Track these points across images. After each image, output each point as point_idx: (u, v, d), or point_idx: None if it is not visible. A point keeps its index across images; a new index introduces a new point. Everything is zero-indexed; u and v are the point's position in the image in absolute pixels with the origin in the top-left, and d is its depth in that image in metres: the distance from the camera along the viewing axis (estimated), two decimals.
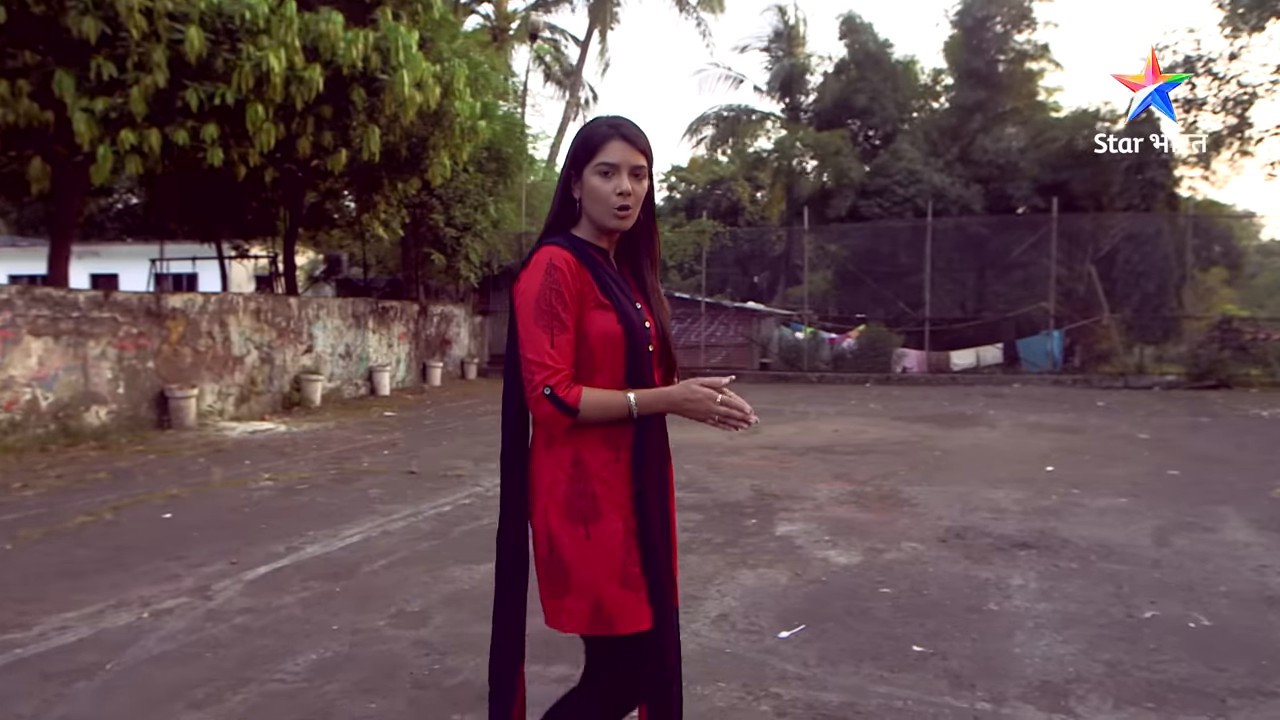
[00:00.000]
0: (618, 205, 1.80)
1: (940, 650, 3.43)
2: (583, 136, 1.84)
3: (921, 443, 8.88)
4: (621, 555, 1.76)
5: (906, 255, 19.34)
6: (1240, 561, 4.62)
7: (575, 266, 1.78)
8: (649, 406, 1.79)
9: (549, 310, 1.74)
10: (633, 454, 1.81)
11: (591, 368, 1.80)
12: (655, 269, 1.99)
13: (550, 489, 1.80)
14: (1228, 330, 17.03)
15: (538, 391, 1.73)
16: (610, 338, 1.80)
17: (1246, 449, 8.55)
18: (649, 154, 1.85)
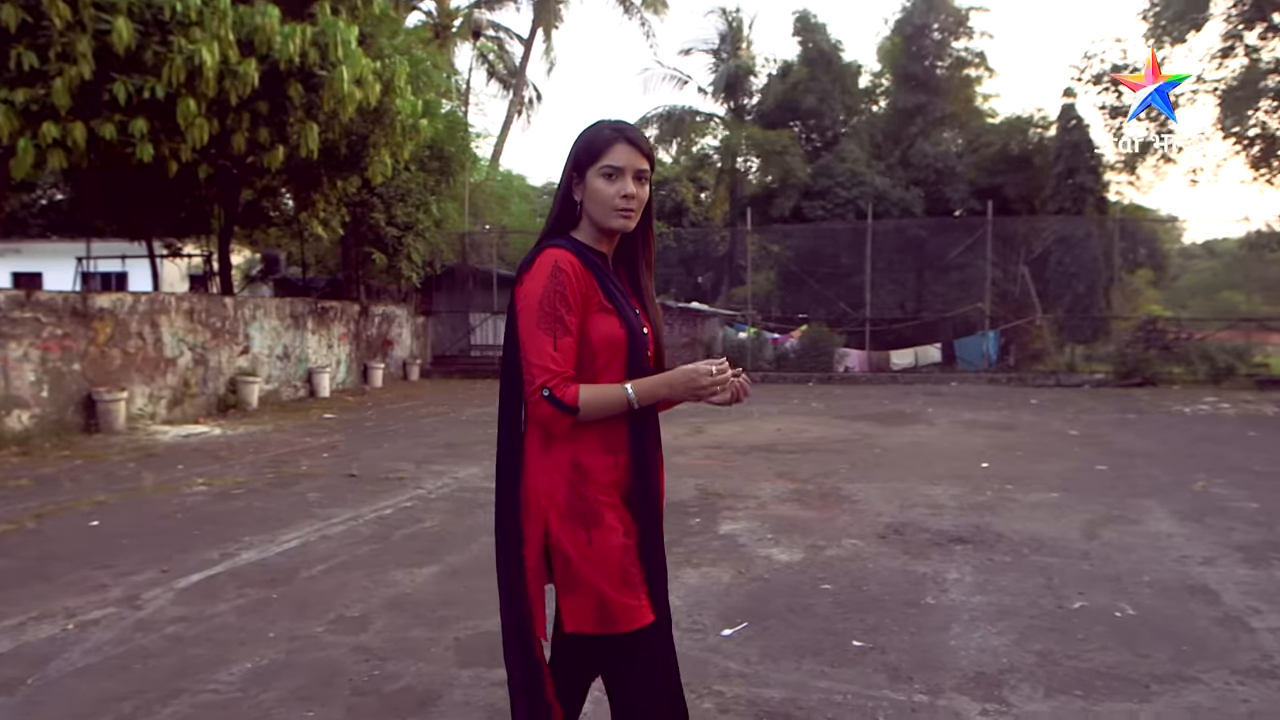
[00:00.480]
0: (621, 208, 1.80)
1: (879, 645, 3.50)
2: (586, 139, 1.84)
3: (862, 441, 9.03)
4: (620, 558, 1.77)
5: (848, 256, 19.64)
6: (1163, 552, 4.80)
7: (580, 269, 1.78)
8: (649, 394, 1.80)
9: (552, 313, 1.74)
10: (630, 458, 1.83)
11: (594, 372, 1.80)
12: (651, 274, 1.99)
13: (549, 493, 1.79)
14: (1152, 330, 17.69)
15: (537, 394, 1.73)
16: (613, 342, 1.81)
17: (1170, 444, 8.88)
18: (652, 158, 1.87)
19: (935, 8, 22.94)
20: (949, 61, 23.75)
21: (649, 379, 1.82)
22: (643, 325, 1.89)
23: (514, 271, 8.05)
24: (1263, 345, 20.44)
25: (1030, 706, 2.96)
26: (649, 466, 1.85)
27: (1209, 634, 3.61)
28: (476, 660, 3.33)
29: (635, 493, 1.83)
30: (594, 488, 1.78)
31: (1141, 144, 22.37)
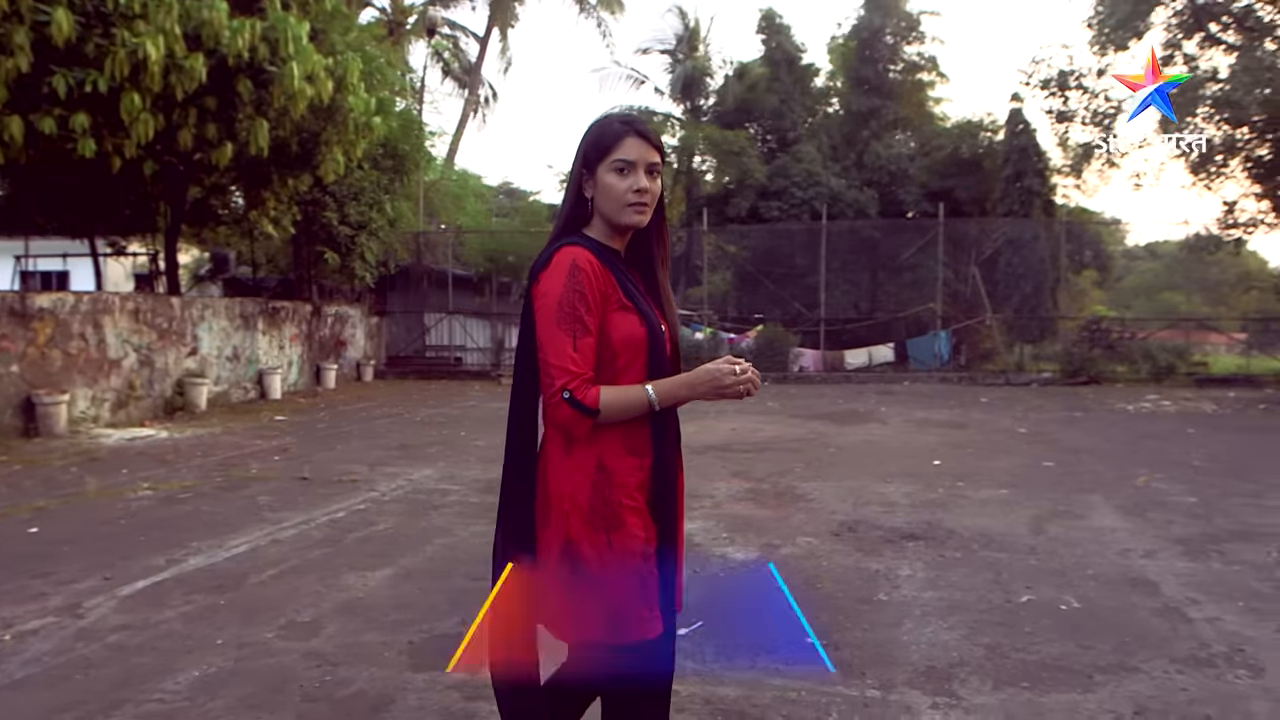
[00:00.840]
0: (634, 202, 1.77)
1: (833, 641, 3.53)
2: (595, 134, 1.80)
3: (817, 440, 9.13)
4: (639, 565, 1.73)
5: (803, 256, 19.85)
6: (1106, 546, 4.93)
7: (598, 268, 1.74)
8: (669, 396, 1.76)
9: (572, 313, 1.69)
10: (654, 459, 1.78)
11: (615, 371, 1.76)
12: (666, 271, 1.95)
13: (572, 496, 1.74)
14: (1097, 330, 18.16)
15: (557, 396, 1.68)
16: (634, 341, 1.77)
17: (1113, 441, 9.12)
18: (663, 150, 1.83)
19: (888, 12, 23.28)
20: (901, 66, 24.11)
21: (669, 380, 1.78)
22: (660, 323, 1.85)
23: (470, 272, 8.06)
24: (1201, 344, 21.10)
25: (979, 699, 3.02)
26: (670, 468, 1.82)
27: (1149, 625, 3.71)
28: (430, 664, 3.29)
29: (657, 495, 1.78)
30: (619, 490, 1.73)
31: (1086, 148, 22.95)
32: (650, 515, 1.77)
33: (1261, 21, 20.57)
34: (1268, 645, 3.47)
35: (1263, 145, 20.92)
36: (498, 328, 19.43)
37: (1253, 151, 21.30)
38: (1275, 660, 3.32)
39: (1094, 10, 21.45)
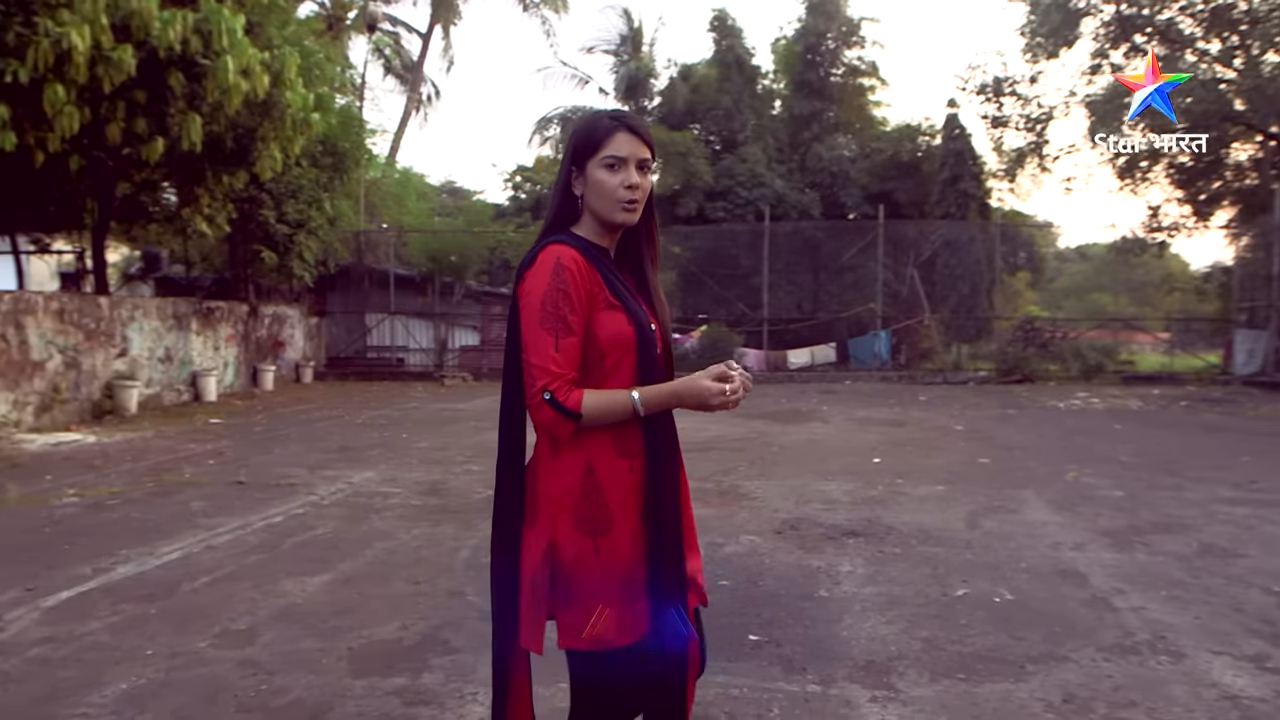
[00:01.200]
0: (626, 199, 1.74)
1: (775, 638, 3.58)
2: (585, 130, 1.77)
3: (760, 439, 9.22)
4: (627, 567, 1.69)
5: (748, 257, 20.06)
6: (1038, 539, 5.08)
7: (584, 266, 1.70)
8: (656, 404, 1.71)
9: (555, 313, 1.66)
10: (646, 461, 1.74)
11: (603, 371, 1.73)
12: (656, 269, 1.92)
13: (560, 499, 1.70)
14: (1031, 330, 18.70)
15: (538, 397, 1.65)
16: (622, 340, 1.73)
17: (1045, 437, 9.40)
18: (653, 146, 1.80)
19: (830, 18, 23.63)
20: (843, 70, 24.50)
21: (657, 388, 1.72)
22: (651, 322, 1.81)
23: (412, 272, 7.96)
24: (1128, 343, 21.87)
25: (916, 691, 3.08)
26: (664, 471, 1.76)
27: (1078, 615, 3.83)
28: (370, 669, 3.24)
29: (650, 499, 1.73)
30: (607, 494, 1.70)
31: (1020, 153, 23.60)
32: (644, 518, 1.73)
33: (1182, 34, 21.39)
34: (1187, 632, 3.61)
35: (1184, 152, 21.76)
36: (441, 328, 19.21)
37: (1175, 158, 22.15)
38: (1194, 646, 3.46)
39: (1027, 19, 22.08)
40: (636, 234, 1.86)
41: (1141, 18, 21.06)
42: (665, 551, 1.73)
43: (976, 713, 2.92)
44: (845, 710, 2.94)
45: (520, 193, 28.43)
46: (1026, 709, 2.95)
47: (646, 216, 1.84)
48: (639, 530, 1.72)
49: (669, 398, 1.72)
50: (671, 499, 1.76)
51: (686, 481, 1.87)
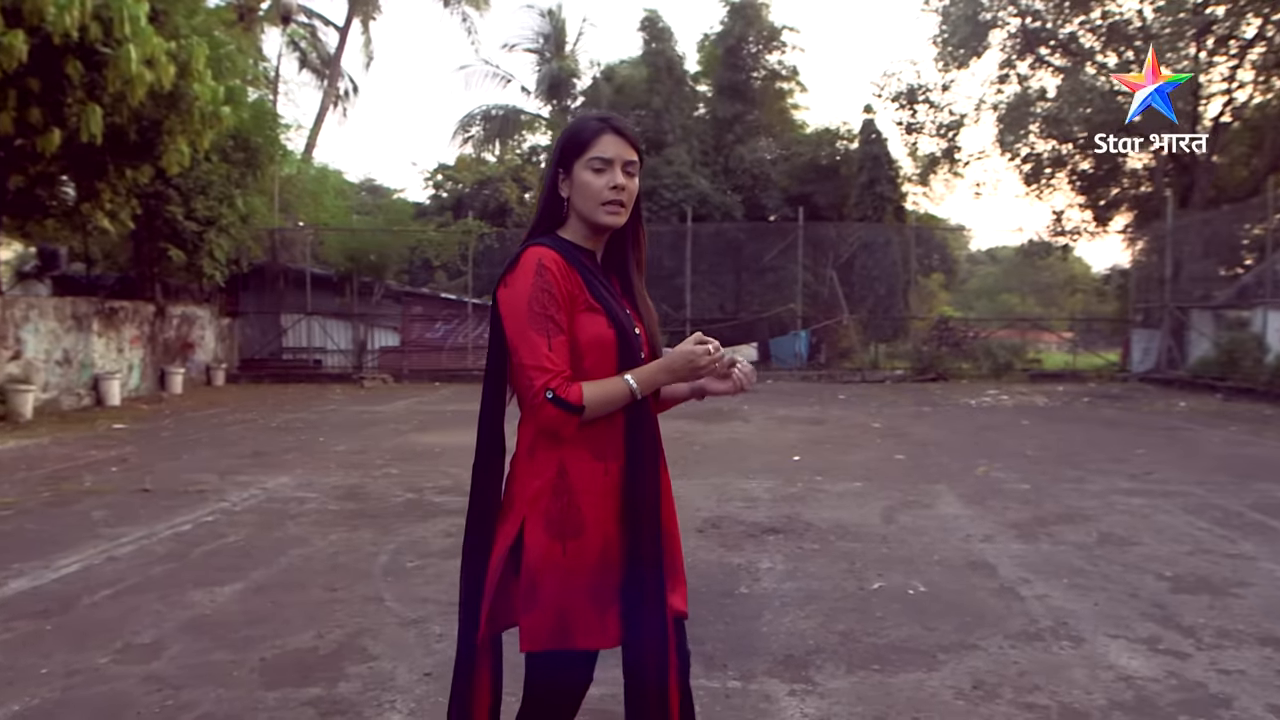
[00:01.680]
0: (611, 200, 1.73)
1: (697, 636, 3.59)
2: (571, 132, 1.77)
3: (682, 438, 9.28)
4: (596, 573, 1.66)
5: (671, 258, 20.17)
6: (950, 533, 5.25)
7: (564, 267, 1.70)
8: (650, 382, 1.72)
9: (543, 313, 1.65)
10: (625, 465, 1.71)
11: (582, 373, 1.69)
12: (642, 274, 1.92)
13: (533, 500, 1.68)
14: (945, 329, 19.33)
15: (540, 397, 1.62)
16: (602, 342, 1.71)
17: (958, 433, 9.72)
18: (640, 150, 1.80)
19: (750, 22, 23.97)
20: (764, 74, 24.89)
21: (647, 367, 1.73)
22: (635, 326, 1.80)
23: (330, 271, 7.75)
24: (1035, 342, 22.81)
25: (834, 683, 3.15)
26: (644, 474, 1.72)
27: (987, 604, 3.98)
28: (284, 680, 3.15)
29: (628, 502, 1.69)
30: (580, 496, 1.67)
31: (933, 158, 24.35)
32: (621, 522, 1.69)
33: (1083, 48, 22.38)
34: (1087, 618, 3.78)
35: (1086, 159, 22.78)
36: (360, 329, 18.79)
37: (1077, 165, 23.18)
38: (1093, 631, 3.63)
39: (939, 30, 22.80)
40: (623, 238, 1.86)
41: (1045, 31, 21.98)
42: (644, 555, 1.69)
43: (890, 703, 3.00)
44: (764, 704, 2.98)
45: (441, 191, 28.08)
46: (938, 697, 3.04)
47: (633, 220, 1.84)
48: (614, 535, 1.69)
49: (660, 372, 1.73)
50: (651, 502, 1.73)
51: (670, 487, 1.84)
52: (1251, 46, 20.38)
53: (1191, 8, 19.84)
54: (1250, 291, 16.92)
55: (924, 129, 24.13)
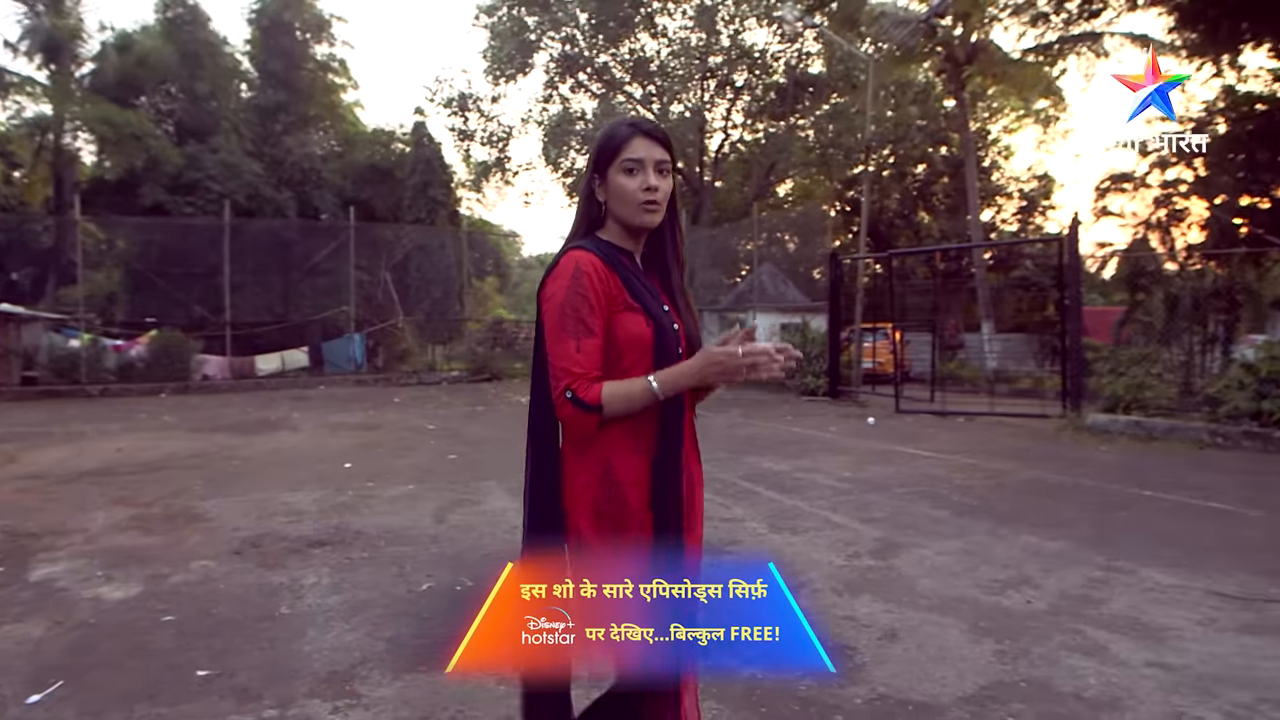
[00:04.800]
0: (645, 200, 1.79)
1: (228, 668, 3.30)
2: (602, 139, 1.83)
3: (220, 453, 8.45)
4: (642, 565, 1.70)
5: (213, 255, 18.21)
6: (497, 526, 5.49)
7: (603, 270, 1.76)
8: (673, 384, 1.75)
9: (575, 316, 1.72)
10: (658, 456, 1.77)
11: (621, 371, 1.77)
12: (681, 271, 1.96)
13: (583, 497, 1.77)
14: (499, 331, 20.17)
15: (561, 396, 1.71)
16: (639, 340, 1.78)
17: (508, 430, 10.20)
18: (671, 149, 1.84)
19: (293, 7, 22.58)
20: (312, 64, 23.63)
21: (673, 369, 1.76)
22: (673, 322, 1.85)
23: None
24: None
25: (379, 692, 3.09)
26: (673, 465, 1.78)
27: None
28: None
29: (658, 492, 1.76)
30: (627, 489, 1.75)
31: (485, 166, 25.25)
32: (652, 512, 1.76)
33: (615, 77, 24.93)
34: None
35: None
36: None
37: None
38: None
39: (489, 44, 23.72)
40: (661, 236, 1.91)
41: (583, 58, 24.07)
42: (672, 548, 1.76)
43: (438, 700, 3.03)
44: None
45: None
46: (483, 685, 3.14)
47: (670, 218, 1.89)
48: (649, 526, 1.76)
49: (685, 376, 1.76)
50: (678, 494, 1.79)
51: (700, 472, 1.92)
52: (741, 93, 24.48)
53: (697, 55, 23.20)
54: (744, 296, 20.36)
55: (476, 137, 24.91)
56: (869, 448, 9.09)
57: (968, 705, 2.98)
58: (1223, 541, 5.15)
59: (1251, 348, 10.54)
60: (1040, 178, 29.33)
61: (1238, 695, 3.04)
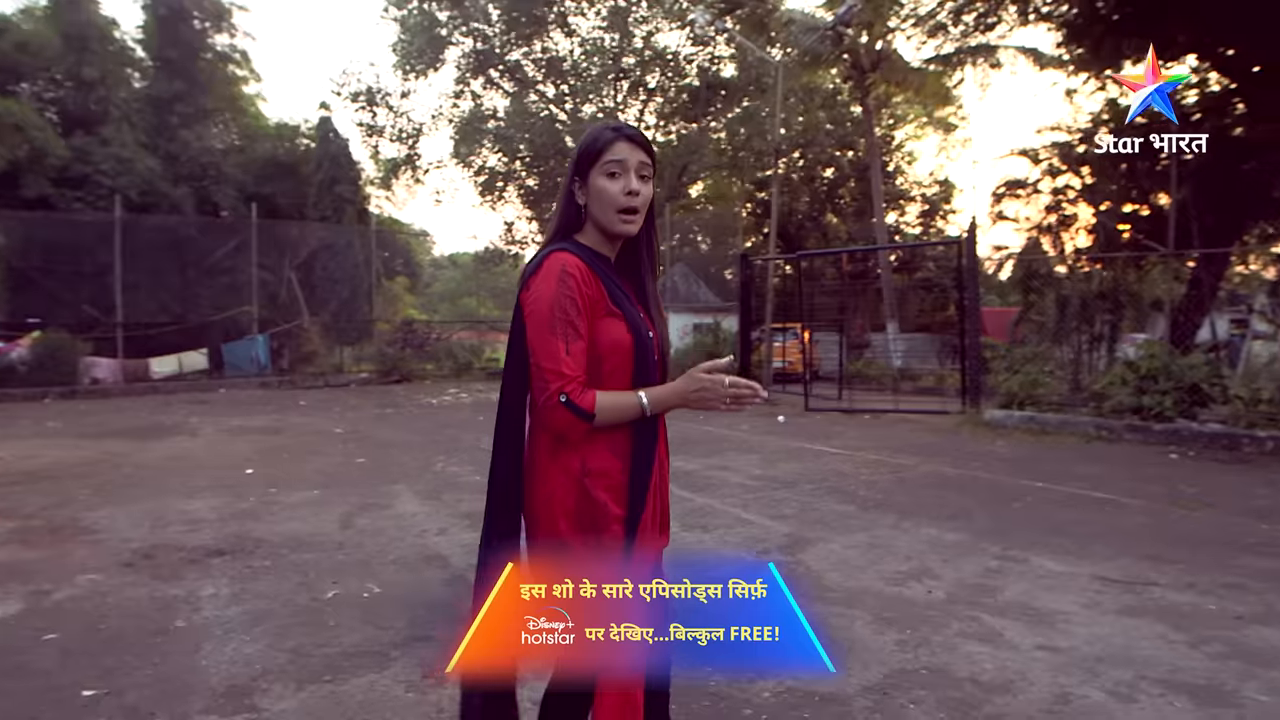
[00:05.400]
0: (626, 205, 1.79)
1: (117, 687, 3.14)
2: (585, 142, 1.83)
3: (110, 460, 8.03)
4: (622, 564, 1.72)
5: (102, 253, 17.29)
6: (407, 530, 5.38)
7: (587, 273, 1.76)
8: (660, 403, 1.79)
9: (564, 318, 1.71)
10: (632, 461, 1.79)
11: (600, 376, 1.78)
12: (655, 278, 1.96)
13: (562, 499, 1.76)
14: (409, 332, 19.77)
15: (553, 400, 1.69)
16: (620, 347, 1.78)
17: (418, 432, 10.02)
18: (653, 155, 1.85)
19: None
20: (211, 55, 22.68)
21: (662, 388, 1.80)
22: (649, 329, 1.86)
23: None
24: (494, 342, 24.58)
25: (281, 705, 3.00)
26: (647, 468, 1.81)
27: (439, 595, 4.16)
28: None
29: (633, 495, 1.79)
30: (604, 493, 1.76)
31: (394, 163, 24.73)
32: (626, 518, 1.78)
33: (528, 76, 24.73)
34: None
35: (532, 176, 25.24)
36: None
37: (524, 181, 25.54)
38: None
39: (398, 37, 23.24)
40: (637, 242, 1.91)
41: (495, 55, 23.81)
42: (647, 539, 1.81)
43: (342, 710, 2.96)
44: None
45: None
46: (389, 694, 3.08)
47: (647, 225, 1.90)
48: (625, 528, 1.78)
49: (672, 396, 1.79)
50: (646, 497, 1.81)
51: (667, 470, 1.95)
52: (654, 95, 24.62)
53: (610, 56, 23.24)
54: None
55: (385, 133, 24.37)
56: (779, 445, 9.27)
57: (871, 694, 3.07)
58: (1107, 529, 5.45)
59: (1133, 346, 11.18)
60: (941, 183, 30.43)
61: (1119, 673, 3.22)
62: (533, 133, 22.37)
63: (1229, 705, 2.98)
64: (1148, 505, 6.16)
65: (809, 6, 20.47)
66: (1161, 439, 9.01)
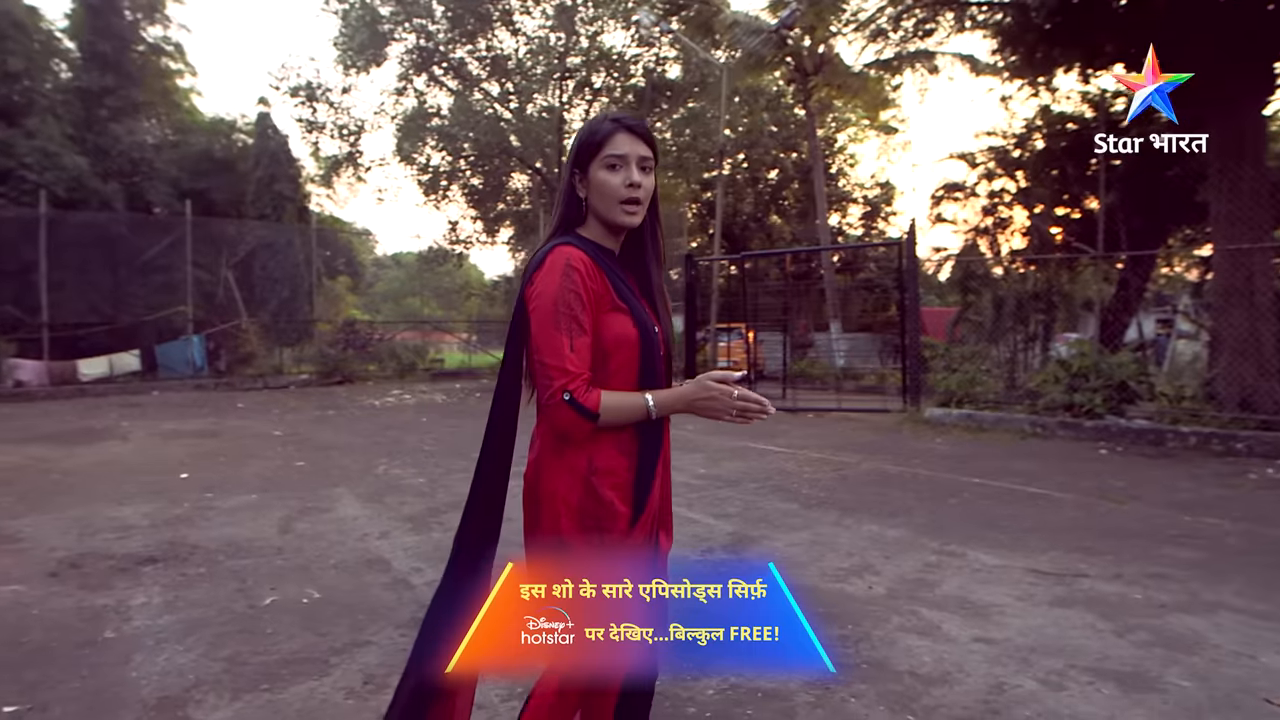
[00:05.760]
0: (627, 198, 1.76)
1: (40, 702, 3.03)
2: (585, 134, 1.79)
3: (35, 466, 7.74)
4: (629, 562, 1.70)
5: (26, 250, 16.63)
6: (348, 534, 5.29)
7: (592, 268, 1.73)
8: (666, 407, 1.76)
9: (568, 313, 1.68)
10: (637, 460, 1.78)
11: (607, 373, 1.76)
12: (660, 271, 1.92)
13: (565, 497, 1.74)
14: (351, 332, 19.44)
15: (557, 398, 1.67)
16: (626, 341, 1.76)
17: (360, 434, 9.85)
18: (655, 146, 1.81)
19: None
20: (143, 47, 21.99)
21: (668, 392, 1.77)
22: (654, 324, 1.83)
23: None
24: (437, 343, 24.32)
25: (215, 716, 2.92)
26: (654, 469, 1.80)
27: (380, 599, 4.09)
28: None
29: (638, 494, 1.78)
30: (610, 491, 1.74)
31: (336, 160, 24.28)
32: (631, 516, 1.77)
33: (471, 74, 24.49)
34: None
35: (476, 175, 25.00)
36: None
37: (469, 180, 25.30)
38: None
39: (339, 32, 22.79)
40: (640, 235, 1.87)
41: (439, 53, 23.52)
42: (650, 540, 1.82)
43: (280, 719, 2.89)
44: None
45: None
46: (329, 701, 3.03)
47: (650, 217, 1.86)
48: (631, 526, 1.77)
49: (678, 401, 1.76)
50: (650, 496, 1.80)
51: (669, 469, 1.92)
52: (600, 95, 24.59)
53: (556, 55, 23.14)
54: None
55: (326, 129, 23.91)
56: (723, 444, 9.34)
57: (813, 690, 3.11)
58: (1040, 523, 5.61)
59: (1065, 345, 11.53)
60: (883, 185, 30.97)
61: (1050, 663, 3.32)
62: (477, 131, 22.15)
63: (1153, 690, 3.09)
64: (1078, 499, 6.36)
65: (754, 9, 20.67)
66: (1092, 435, 9.31)
